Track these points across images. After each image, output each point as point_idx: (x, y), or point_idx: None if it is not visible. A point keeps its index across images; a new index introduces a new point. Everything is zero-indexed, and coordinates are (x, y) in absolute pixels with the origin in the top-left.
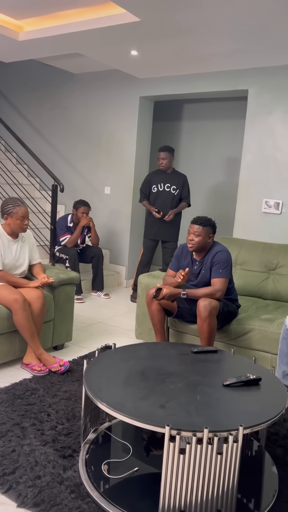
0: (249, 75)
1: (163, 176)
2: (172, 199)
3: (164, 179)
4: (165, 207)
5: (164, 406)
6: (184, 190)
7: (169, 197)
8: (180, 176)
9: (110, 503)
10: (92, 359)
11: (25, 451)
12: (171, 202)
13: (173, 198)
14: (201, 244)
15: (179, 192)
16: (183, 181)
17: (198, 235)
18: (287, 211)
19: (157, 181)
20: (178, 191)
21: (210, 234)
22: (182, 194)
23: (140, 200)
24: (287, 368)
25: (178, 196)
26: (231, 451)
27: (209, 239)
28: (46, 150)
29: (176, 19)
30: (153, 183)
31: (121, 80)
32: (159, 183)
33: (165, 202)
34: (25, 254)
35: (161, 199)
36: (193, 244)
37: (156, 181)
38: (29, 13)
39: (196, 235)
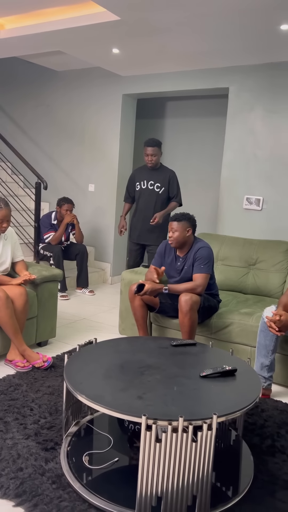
0: (230, 73)
1: (148, 172)
2: (156, 198)
3: (148, 176)
4: (147, 207)
5: (141, 397)
6: (172, 188)
7: (152, 196)
8: (166, 172)
9: (90, 492)
10: (73, 354)
11: (7, 444)
12: (155, 202)
13: (158, 197)
14: (180, 239)
15: (165, 190)
16: (170, 178)
17: (176, 230)
18: (267, 207)
19: (141, 178)
20: (163, 189)
21: (187, 228)
22: (171, 193)
23: (124, 200)
24: (265, 360)
25: (164, 194)
26: (206, 438)
27: (188, 233)
28: (29, 148)
29: (156, 18)
30: (136, 180)
31: (104, 78)
32: (142, 180)
33: (147, 201)
34: (8, 252)
35: (143, 198)
36: (172, 240)
37: (140, 178)
38: (10, 11)
39: (173, 231)
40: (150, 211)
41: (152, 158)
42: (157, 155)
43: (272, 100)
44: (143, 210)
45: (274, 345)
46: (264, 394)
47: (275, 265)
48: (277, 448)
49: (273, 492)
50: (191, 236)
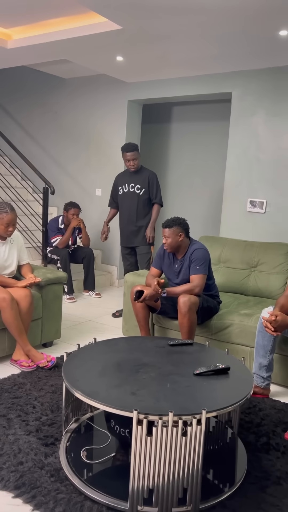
0: (232, 78)
1: (128, 176)
2: (137, 200)
3: (128, 179)
4: (130, 210)
5: (135, 393)
6: (151, 189)
7: (134, 198)
8: (146, 173)
9: (86, 485)
10: (72, 353)
11: (9, 440)
12: (137, 203)
13: (139, 198)
14: (173, 245)
15: (145, 191)
16: (149, 178)
17: (168, 237)
18: (271, 210)
19: (122, 182)
20: (144, 190)
21: (179, 232)
22: (151, 193)
23: (108, 205)
24: (263, 360)
25: (145, 195)
26: (195, 433)
27: (180, 238)
28: (38, 154)
29: (156, 26)
30: (119, 185)
31: (109, 84)
32: (124, 184)
33: (130, 204)
34: (14, 255)
35: (125, 201)
36: (167, 246)
37: (122, 182)
38: (17, 22)
39: (166, 238)
40: (133, 214)
41: (133, 162)
42: (137, 158)
43: (275, 104)
44: (126, 214)
45: (272, 346)
46: (263, 394)
47: (276, 267)
48: (272, 445)
49: (265, 487)
50: (185, 240)
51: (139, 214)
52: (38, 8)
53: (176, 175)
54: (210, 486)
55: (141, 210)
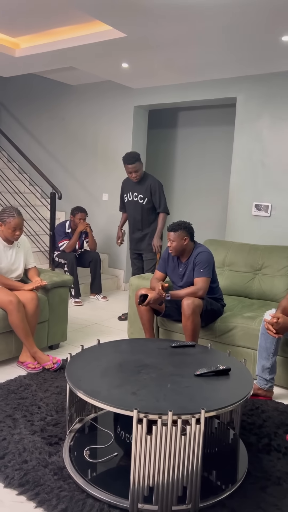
0: (237, 83)
1: (132, 184)
2: (141, 209)
3: (132, 188)
4: (135, 218)
5: (135, 393)
6: (154, 198)
7: (137, 207)
8: (148, 182)
9: (88, 483)
10: (76, 354)
11: (15, 439)
12: (141, 213)
13: (143, 208)
14: (178, 248)
15: (148, 200)
16: (151, 188)
17: (173, 240)
18: (276, 213)
19: (127, 189)
20: (147, 199)
21: (184, 236)
22: (155, 203)
23: (119, 210)
24: (266, 362)
25: (148, 204)
26: (194, 432)
27: (185, 241)
28: (45, 159)
29: (159, 33)
30: (124, 192)
31: (115, 91)
32: (128, 192)
33: (135, 212)
34: (20, 259)
35: (131, 209)
36: (171, 250)
37: (126, 189)
38: (25, 31)
39: (171, 241)
40: (138, 222)
41: (135, 174)
42: (139, 169)
43: (279, 108)
44: (132, 221)
45: (274, 348)
46: (266, 396)
47: (280, 270)
48: (273, 446)
49: (265, 487)
50: (190, 243)
51: (144, 222)
52: (44, 17)
53: (183, 180)
54: (211, 485)
55: (145, 218)
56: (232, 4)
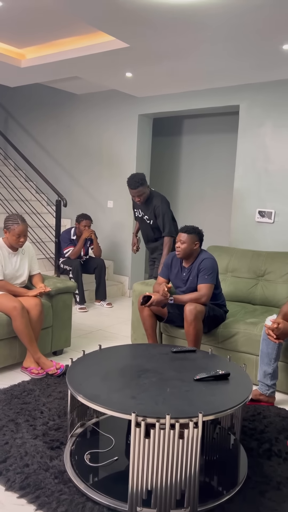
0: (240, 91)
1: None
2: (149, 229)
3: (139, 206)
4: (148, 235)
5: (135, 397)
6: (159, 221)
7: (146, 226)
8: (153, 203)
9: (88, 486)
10: (77, 358)
11: (17, 443)
12: (149, 231)
13: (150, 227)
14: (187, 251)
15: (154, 222)
16: (155, 210)
17: (184, 242)
18: (279, 220)
19: (136, 206)
20: (152, 221)
21: (196, 241)
22: (159, 226)
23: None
24: (267, 368)
25: (155, 224)
26: (192, 436)
27: (195, 246)
28: (51, 167)
29: (162, 43)
30: (134, 207)
31: (120, 99)
32: (137, 208)
33: (146, 229)
34: (25, 265)
35: (142, 225)
36: (179, 251)
37: (135, 205)
38: (30, 42)
39: (182, 243)
40: (150, 237)
41: (138, 198)
42: (143, 193)
43: (281, 116)
44: (144, 235)
45: (276, 353)
46: (268, 402)
47: (283, 276)
48: (274, 452)
49: (264, 492)
50: (198, 249)
51: (156, 237)
52: (49, 29)
53: (187, 186)
54: (210, 489)
55: (152, 235)
56: (232, 14)
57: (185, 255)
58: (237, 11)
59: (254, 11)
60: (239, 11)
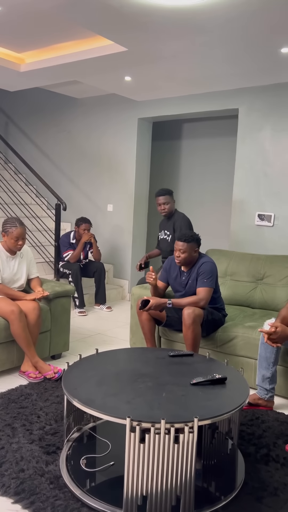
0: (238, 95)
1: (164, 222)
2: (167, 244)
3: (163, 226)
4: (165, 253)
5: (130, 402)
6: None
7: (165, 245)
8: (174, 218)
9: (83, 492)
10: (74, 363)
11: (13, 448)
12: (167, 248)
13: (168, 244)
14: (187, 259)
15: (172, 237)
16: (174, 223)
17: (184, 251)
18: (279, 223)
19: (161, 228)
20: (171, 236)
21: (195, 248)
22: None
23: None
24: (266, 372)
25: (173, 240)
26: (187, 440)
27: (195, 253)
28: (51, 171)
29: (160, 47)
30: (159, 230)
31: (120, 103)
32: (161, 230)
33: (165, 251)
34: (23, 269)
35: (162, 247)
36: (179, 260)
37: (160, 228)
38: (29, 46)
39: (181, 252)
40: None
41: (164, 206)
42: (169, 203)
43: (281, 119)
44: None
45: (274, 357)
46: (266, 406)
47: (282, 280)
48: (272, 457)
49: (261, 497)
50: (197, 255)
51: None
52: (48, 33)
53: (187, 190)
54: (206, 495)
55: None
56: (230, 17)
57: (185, 263)
58: (235, 14)
59: (252, 15)
60: (237, 14)
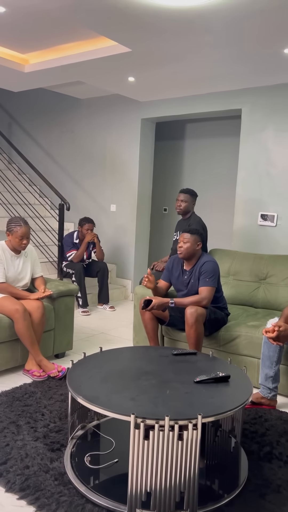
0: (242, 95)
1: (181, 224)
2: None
3: (179, 226)
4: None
5: (134, 399)
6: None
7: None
8: (189, 220)
9: (88, 488)
10: (78, 361)
11: (17, 445)
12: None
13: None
14: (189, 251)
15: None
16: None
17: (187, 242)
18: (282, 223)
19: (176, 228)
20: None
21: (198, 242)
22: None
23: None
24: (269, 371)
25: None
26: (191, 437)
27: (197, 246)
28: (55, 171)
29: (164, 48)
30: (174, 231)
31: (123, 104)
32: (176, 231)
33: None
34: (27, 268)
35: (174, 247)
36: (181, 250)
37: (176, 228)
38: (33, 47)
39: (184, 242)
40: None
41: (180, 203)
42: (186, 201)
43: (284, 119)
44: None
45: (277, 356)
46: (269, 405)
47: (285, 279)
48: (275, 455)
49: (264, 494)
50: (199, 250)
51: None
52: (52, 34)
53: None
54: (210, 492)
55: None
56: (233, 18)
57: (187, 255)
58: (238, 15)
59: (255, 15)
60: (240, 15)
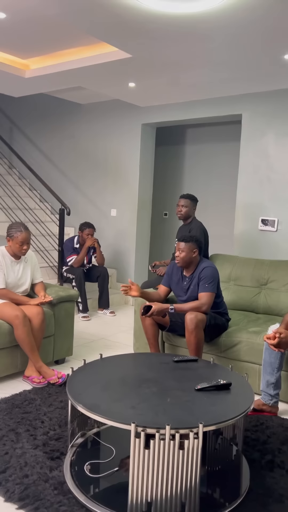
0: (242, 100)
1: (182, 228)
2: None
3: (180, 232)
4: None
5: (135, 407)
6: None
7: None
8: (191, 226)
9: (88, 498)
10: (78, 368)
11: (17, 453)
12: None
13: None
14: (186, 259)
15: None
16: (190, 231)
17: (182, 251)
18: (283, 228)
19: (178, 234)
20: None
21: (194, 249)
22: None
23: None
24: (270, 377)
25: None
26: (192, 446)
27: (194, 254)
28: (56, 176)
29: (165, 53)
30: (177, 236)
31: (123, 109)
32: (177, 237)
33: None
34: (27, 274)
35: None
36: (179, 260)
37: (177, 234)
38: (34, 53)
39: (180, 251)
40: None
41: (181, 208)
42: (187, 207)
43: (284, 125)
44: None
45: (279, 363)
46: (271, 412)
47: (286, 285)
48: (276, 463)
49: (266, 504)
50: (197, 257)
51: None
52: (53, 40)
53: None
54: (211, 501)
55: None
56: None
57: (185, 264)
58: (238, 21)
59: (256, 22)
60: (241, 21)
